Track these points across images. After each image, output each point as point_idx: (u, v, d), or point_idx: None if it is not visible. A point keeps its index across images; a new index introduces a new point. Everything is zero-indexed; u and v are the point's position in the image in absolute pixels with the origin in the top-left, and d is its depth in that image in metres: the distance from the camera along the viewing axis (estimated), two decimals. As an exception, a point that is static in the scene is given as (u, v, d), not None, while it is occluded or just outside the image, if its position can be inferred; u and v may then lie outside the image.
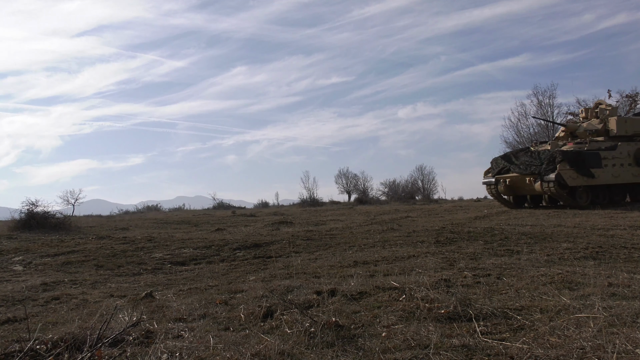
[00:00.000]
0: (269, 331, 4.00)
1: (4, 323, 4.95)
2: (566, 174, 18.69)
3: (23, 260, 9.91)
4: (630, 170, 20.53)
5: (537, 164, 19.25)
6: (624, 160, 20.41)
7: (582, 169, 19.10)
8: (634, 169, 20.65)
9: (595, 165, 19.51)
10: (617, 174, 20.16)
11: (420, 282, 5.29)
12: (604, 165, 19.76)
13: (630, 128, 21.97)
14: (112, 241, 12.40)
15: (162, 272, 8.59)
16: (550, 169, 18.83)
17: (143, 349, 3.58)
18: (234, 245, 10.91)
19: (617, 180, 20.19)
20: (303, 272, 7.13)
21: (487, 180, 21.74)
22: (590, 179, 19.30)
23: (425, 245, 9.71)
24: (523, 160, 20.00)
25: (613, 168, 20.04)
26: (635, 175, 20.69)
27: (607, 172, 19.80)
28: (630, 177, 20.61)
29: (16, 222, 17.37)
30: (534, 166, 19.38)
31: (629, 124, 22.07)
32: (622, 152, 20.45)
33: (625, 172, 20.39)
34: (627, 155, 20.52)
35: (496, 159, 21.64)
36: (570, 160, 18.94)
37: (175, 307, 5.09)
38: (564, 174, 18.63)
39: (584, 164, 19.20)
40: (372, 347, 3.47)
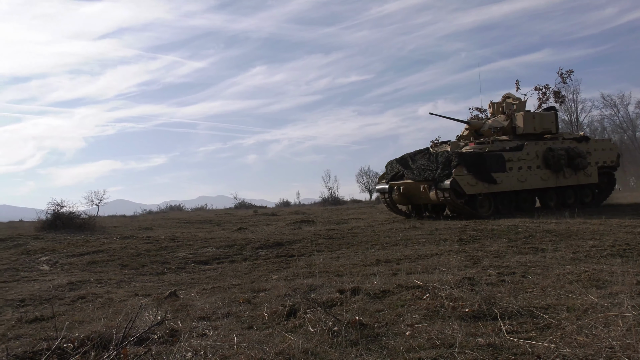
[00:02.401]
0: (292, 330, 4.00)
1: (32, 322, 5.03)
2: (463, 180, 16.04)
3: (50, 260, 10.06)
4: (538, 174, 17.98)
5: (433, 168, 16.57)
6: (532, 162, 17.85)
7: (482, 173, 16.55)
8: (543, 172, 18.13)
9: (498, 169, 16.93)
10: (524, 179, 17.59)
11: (443, 280, 5.25)
12: (509, 169, 17.21)
13: (538, 124, 19.36)
14: (136, 241, 12.53)
15: (185, 271, 8.65)
16: (445, 175, 16.13)
17: (168, 348, 3.60)
18: (256, 245, 10.95)
19: (524, 186, 17.66)
20: (325, 271, 7.13)
21: (379, 188, 18.91)
22: (492, 185, 16.74)
23: (448, 243, 9.64)
24: (419, 163, 17.19)
25: (519, 171, 17.48)
26: (545, 179, 18.16)
27: (512, 176, 17.27)
28: (539, 181, 18.05)
29: (42, 223, 17.66)
30: (429, 171, 16.67)
31: (537, 120, 19.37)
32: (530, 152, 17.90)
33: (533, 175, 17.85)
34: (535, 156, 17.98)
35: (391, 162, 18.76)
36: (468, 164, 16.31)
37: (199, 306, 5.12)
38: (461, 180, 15.98)
39: (485, 168, 16.64)
40: (396, 346, 3.45)
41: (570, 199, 19.33)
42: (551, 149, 18.16)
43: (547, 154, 18.12)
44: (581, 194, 19.82)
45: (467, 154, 16.68)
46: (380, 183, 19.02)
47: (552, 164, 17.98)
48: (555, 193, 18.97)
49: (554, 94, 24.09)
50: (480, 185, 16.39)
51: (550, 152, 18.07)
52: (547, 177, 18.19)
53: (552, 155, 17.99)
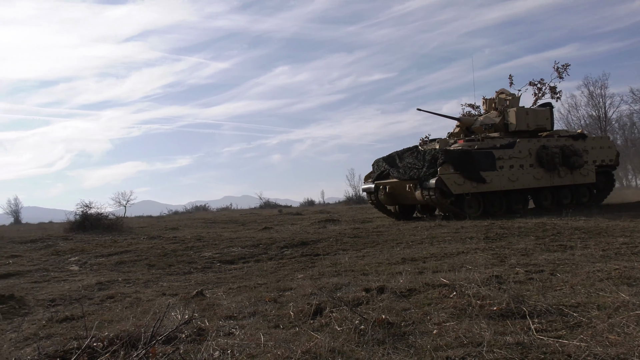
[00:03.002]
0: (319, 329, 3.99)
1: (62, 321, 5.11)
2: (449, 179, 15.30)
3: (79, 261, 10.22)
4: (531, 172, 17.11)
5: (419, 166, 15.85)
6: (524, 161, 16.97)
7: (470, 172, 15.71)
8: (536, 171, 17.22)
9: (488, 167, 16.07)
10: (516, 178, 16.69)
11: (470, 278, 5.20)
12: (499, 167, 16.36)
13: (532, 121, 18.38)
14: (163, 241, 12.66)
15: (211, 271, 8.71)
16: (430, 173, 15.42)
17: (195, 347, 3.63)
18: (282, 244, 10.98)
19: (516, 185, 16.75)
20: (351, 270, 7.12)
21: (365, 187, 18.30)
22: (480, 185, 15.92)
23: (474, 241, 9.55)
24: (406, 162, 16.43)
25: (510, 170, 16.61)
26: (538, 178, 17.24)
27: (502, 175, 16.40)
28: (532, 181, 17.15)
29: (71, 224, 17.97)
30: (415, 169, 15.92)
31: (530, 117, 18.40)
32: (522, 150, 17.00)
33: (526, 174, 16.96)
34: (528, 154, 17.09)
35: (378, 160, 17.94)
36: (455, 162, 15.55)
37: (226, 305, 5.15)
38: (447, 179, 15.24)
39: (473, 166, 15.80)
40: (424, 345, 3.42)
41: (566, 199, 18.38)
42: (545, 147, 17.32)
43: (540, 152, 17.25)
44: (578, 194, 18.78)
45: (453, 152, 15.95)
46: (366, 182, 18.35)
47: (545, 162, 17.17)
48: (550, 193, 18.09)
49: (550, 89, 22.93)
50: (468, 184, 15.65)
51: (543, 150, 17.25)
52: (541, 177, 17.30)
53: (545, 153, 17.17)
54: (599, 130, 46.42)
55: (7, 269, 9.31)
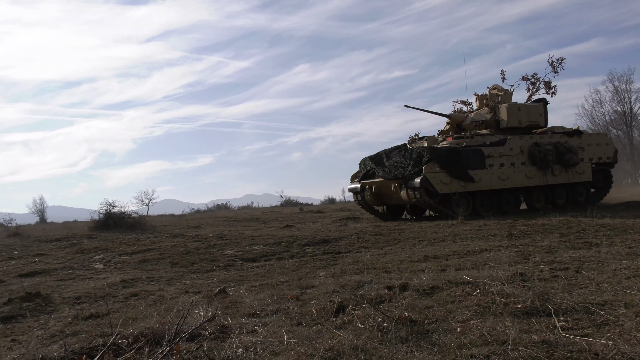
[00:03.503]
0: (342, 326, 3.99)
1: (87, 318, 5.17)
2: (435, 177, 14.66)
3: (103, 259, 10.35)
4: (523, 171, 16.31)
5: (404, 165, 15.22)
6: (515, 158, 16.20)
7: (457, 170, 15.04)
8: (529, 169, 16.42)
9: (476, 166, 15.37)
10: (506, 176, 15.93)
11: (494, 276, 5.15)
12: (489, 165, 15.61)
13: (524, 117, 17.49)
14: (185, 239, 12.76)
15: (233, 269, 8.75)
16: (415, 172, 14.78)
17: (219, 344, 3.64)
18: (303, 242, 10.99)
19: (506, 184, 15.98)
20: (373, 267, 7.10)
21: (351, 187, 17.63)
22: (468, 184, 15.23)
23: (497, 238, 9.46)
24: (393, 161, 15.79)
25: (501, 168, 15.86)
26: (530, 176, 16.45)
27: (492, 173, 15.66)
28: (524, 180, 16.36)
29: (95, 223, 18.21)
30: (401, 168, 15.27)
31: (523, 113, 17.54)
32: (513, 147, 16.24)
33: (517, 173, 16.19)
34: (520, 151, 16.32)
35: (365, 159, 17.36)
36: (441, 160, 14.88)
37: (248, 303, 5.17)
38: (433, 178, 14.60)
39: (460, 165, 15.12)
40: (447, 343, 3.40)
41: (560, 198, 17.58)
42: (537, 144, 16.55)
43: (532, 149, 16.45)
44: (574, 193, 17.96)
45: (440, 149, 15.27)
46: (352, 182, 17.77)
47: (538, 160, 16.40)
48: (544, 192, 17.25)
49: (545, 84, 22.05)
50: (455, 183, 15.02)
51: (536, 147, 16.46)
52: (533, 175, 16.52)
53: (538, 151, 16.39)
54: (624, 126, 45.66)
55: (33, 267, 9.46)
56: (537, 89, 22.30)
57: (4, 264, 10.12)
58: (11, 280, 8.37)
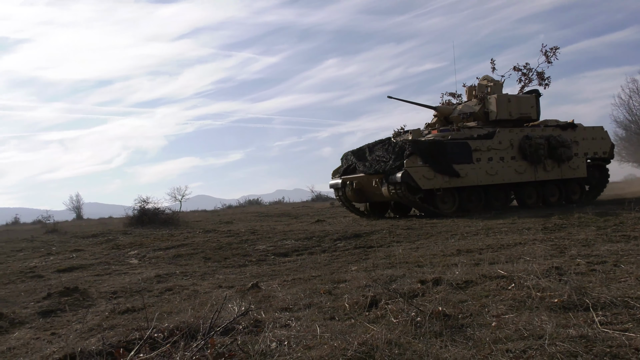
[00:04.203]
0: (375, 320, 3.98)
1: (124, 313, 5.26)
2: (417, 172, 13.93)
3: (138, 254, 10.52)
4: (513, 166, 15.52)
5: (386, 159, 14.48)
6: (505, 152, 15.42)
7: (442, 164, 14.29)
8: (519, 164, 15.62)
9: (462, 160, 14.61)
10: (495, 171, 15.12)
11: (529, 270, 5.08)
12: (476, 160, 14.87)
13: (515, 109, 16.57)
14: (218, 234, 12.88)
15: (266, 264, 8.80)
16: (396, 166, 14.03)
17: (253, 338, 3.67)
18: (335, 236, 11.00)
19: (495, 180, 15.20)
20: (405, 262, 7.06)
21: (332, 183, 16.91)
22: (453, 179, 14.50)
23: (532, 232, 9.32)
24: (375, 155, 15.00)
25: (489, 163, 15.08)
26: (521, 172, 15.63)
27: (479, 168, 14.90)
28: (513, 175, 15.55)
29: (130, 219, 18.56)
30: (382, 162, 14.51)
31: (513, 105, 16.59)
32: (502, 141, 15.44)
33: (506, 168, 15.38)
34: (509, 145, 15.54)
35: (347, 153, 16.57)
36: (424, 154, 14.13)
37: (281, 297, 5.19)
38: (414, 172, 13.88)
39: (445, 159, 14.35)
40: (482, 337, 3.36)
41: (553, 195, 16.84)
42: (528, 137, 15.78)
43: (523, 143, 15.66)
44: (567, 190, 17.15)
45: (422, 142, 14.53)
46: (333, 177, 17.01)
47: (529, 154, 15.61)
48: (535, 189, 16.45)
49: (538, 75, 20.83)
50: (439, 178, 14.30)
51: (527, 141, 15.68)
52: (524, 170, 15.70)
53: (529, 144, 15.62)
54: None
55: (71, 263, 9.67)
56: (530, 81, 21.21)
57: (42, 260, 10.37)
58: (50, 275, 8.57)
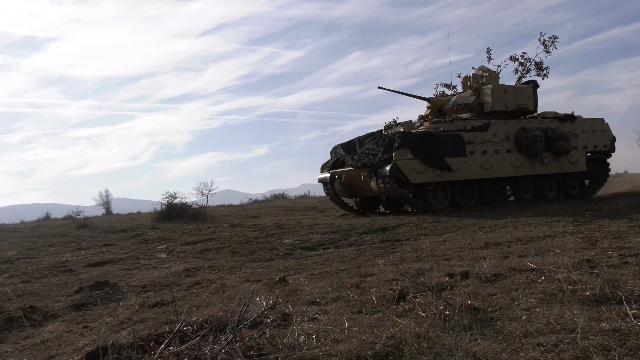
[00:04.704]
0: (402, 314, 3.96)
1: (153, 306, 5.33)
2: (407, 166, 13.42)
3: (166, 249, 10.63)
4: (508, 159, 14.95)
5: (376, 152, 13.97)
6: (500, 145, 14.86)
7: (433, 157, 13.72)
8: (515, 157, 15.06)
9: (455, 153, 14.06)
10: (489, 165, 14.56)
11: (559, 263, 5.00)
12: (469, 153, 14.32)
13: (511, 100, 15.89)
14: (245, 229, 12.95)
15: (292, 257, 8.83)
16: (385, 159, 13.53)
17: (281, 331, 3.68)
18: (361, 230, 10.98)
19: (489, 174, 14.62)
20: (432, 255, 7.02)
21: (320, 177, 16.35)
22: (445, 173, 13.95)
23: (561, 224, 9.19)
24: (365, 148, 14.47)
25: (483, 156, 14.53)
26: (517, 165, 15.05)
27: (473, 161, 14.34)
28: (509, 169, 14.96)
29: (158, 214, 18.77)
30: (372, 155, 13.98)
31: (509, 95, 15.90)
32: (497, 133, 14.89)
33: (502, 161, 14.81)
34: (505, 137, 14.98)
35: (336, 146, 16.05)
36: (414, 146, 13.59)
37: (308, 291, 5.20)
38: (404, 165, 13.36)
39: (436, 151, 13.78)
40: (513, 331, 3.32)
41: (551, 190, 16.23)
42: (525, 129, 15.22)
43: (519, 135, 15.10)
44: (566, 184, 16.59)
45: (412, 134, 13.99)
46: (322, 172, 16.48)
47: (525, 147, 15.05)
48: (532, 183, 15.84)
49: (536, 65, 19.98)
50: (430, 172, 13.77)
51: (523, 133, 15.12)
52: (520, 164, 15.14)
53: (525, 137, 15.06)
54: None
55: (101, 257, 9.82)
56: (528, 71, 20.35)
57: (74, 254, 10.55)
58: (81, 269, 8.71)
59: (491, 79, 16.68)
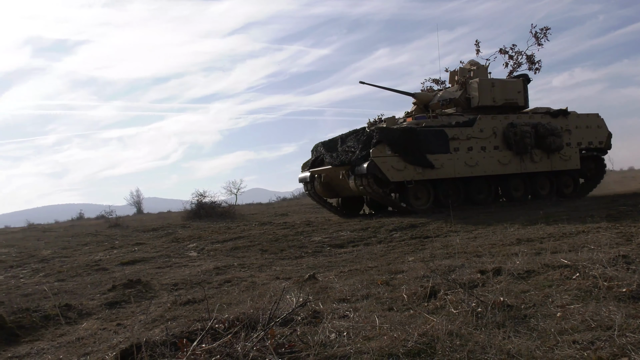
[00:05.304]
0: (434, 311, 3.92)
1: (185, 304, 5.39)
2: (385, 163, 12.71)
3: (197, 247, 10.74)
4: (496, 156, 14.19)
5: (355, 149, 13.27)
6: (487, 142, 14.10)
7: (413, 154, 13.00)
8: (503, 154, 14.28)
9: (438, 149, 13.33)
10: (475, 162, 13.81)
11: (594, 259, 4.90)
12: (454, 149, 13.58)
13: (499, 95, 15.15)
14: (274, 227, 13.01)
15: (322, 255, 8.84)
16: (363, 157, 12.82)
17: (312, 329, 3.68)
18: (390, 227, 10.93)
19: (475, 171, 13.88)
20: (463, 252, 6.95)
21: (301, 176, 15.81)
22: (427, 170, 13.22)
23: (595, 219, 9.01)
24: (346, 145, 13.73)
25: (468, 153, 13.77)
26: (505, 163, 14.29)
27: (457, 158, 13.60)
28: (496, 166, 14.20)
29: (188, 212, 19.01)
30: (350, 153, 13.27)
31: (497, 89, 15.16)
32: (484, 129, 14.10)
33: (489, 158, 14.05)
34: (492, 133, 14.22)
35: (317, 144, 15.40)
36: (393, 142, 12.90)
37: (338, 288, 5.20)
38: (382, 163, 12.65)
39: (417, 148, 13.06)
40: (547, 328, 3.27)
41: (543, 189, 15.49)
42: (513, 125, 14.46)
43: (507, 131, 14.36)
44: (559, 182, 15.78)
45: (391, 130, 13.28)
46: (303, 171, 15.88)
47: (514, 143, 14.29)
48: (523, 182, 15.13)
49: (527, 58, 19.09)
50: (410, 170, 13.06)
51: (511, 129, 14.37)
52: (508, 161, 14.38)
53: (514, 133, 14.30)
54: None
55: (133, 256, 9.97)
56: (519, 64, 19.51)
57: (107, 253, 10.73)
58: (114, 268, 8.86)
59: (479, 72, 16.03)
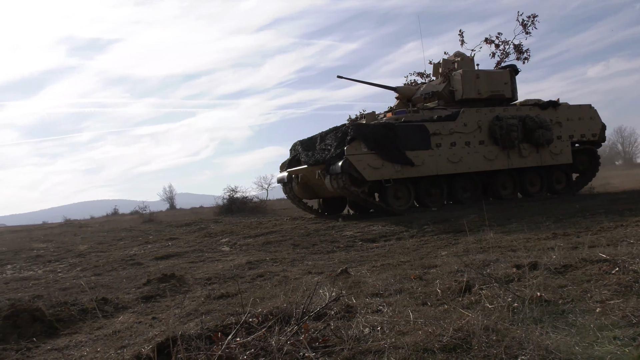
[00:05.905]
0: (468, 306, 3.88)
1: (219, 298, 5.43)
2: (361, 161, 12.03)
3: (229, 242, 10.83)
4: (481, 152, 13.46)
5: (330, 147, 12.62)
6: (471, 136, 13.35)
7: (391, 151, 12.29)
8: (488, 149, 13.53)
9: (418, 146, 12.60)
10: (458, 158, 13.07)
11: (634, 253, 4.78)
12: (435, 145, 12.84)
13: (484, 87, 14.37)
14: (305, 221, 13.03)
15: (353, 249, 8.82)
16: (337, 155, 12.19)
17: (345, 323, 3.68)
18: (422, 221, 10.85)
19: (459, 168, 13.17)
20: (497, 246, 6.86)
21: (279, 177, 15.19)
22: (406, 168, 12.49)
23: (633, 213, 8.79)
24: (324, 143, 12.98)
25: (451, 149, 13.04)
26: (491, 158, 13.53)
27: (439, 155, 12.86)
28: (482, 162, 13.46)
29: (220, 208, 19.22)
30: (326, 151, 12.63)
31: (482, 81, 14.39)
32: (468, 123, 13.34)
33: (473, 154, 13.30)
34: (477, 127, 13.45)
35: (295, 143, 14.69)
36: (369, 139, 12.15)
37: (371, 283, 5.17)
38: (357, 161, 11.98)
39: (395, 144, 12.34)
40: (586, 324, 3.19)
41: (533, 185, 14.82)
42: (499, 118, 13.66)
43: (493, 125, 13.59)
44: (550, 179, 15.08)
45: (367, 126, 12.53)
46: (281, 171, 15.27)
47: (500, 137, 13.52)
48: (511, 178, 14.43)
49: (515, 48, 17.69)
50: (388, 167, 12.36)
51: (497, 122, 13.57)
52: (495, 157, 13.62)
53: (499, 126, 13.51)
54: None
55: (167, 251, 10.10)
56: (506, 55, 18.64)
57: (141, 248, 10.90)
58: (148, 262, 8.99)
59: (463, 64, 15.33)
